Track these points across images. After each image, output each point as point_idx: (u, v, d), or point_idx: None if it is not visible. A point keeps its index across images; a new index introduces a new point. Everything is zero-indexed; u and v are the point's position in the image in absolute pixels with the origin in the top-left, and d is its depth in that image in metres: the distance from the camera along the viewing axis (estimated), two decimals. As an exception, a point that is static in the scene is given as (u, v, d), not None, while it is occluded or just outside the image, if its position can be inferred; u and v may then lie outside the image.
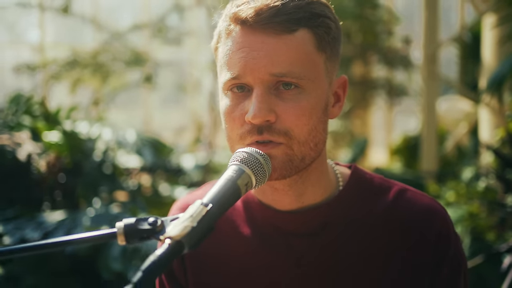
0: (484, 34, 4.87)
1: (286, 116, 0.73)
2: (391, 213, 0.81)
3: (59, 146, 2.98)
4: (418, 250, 0.79)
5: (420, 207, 0.82)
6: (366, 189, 0.84)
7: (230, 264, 0.84)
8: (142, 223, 0.62)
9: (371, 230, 0.81)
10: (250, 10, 0.73)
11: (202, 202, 0.62)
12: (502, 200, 3.23)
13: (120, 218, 2.01)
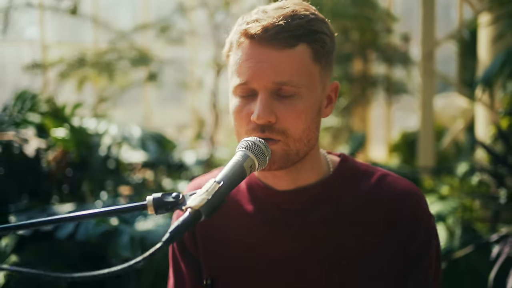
0: (480, 33, 5.01)
1: (285, 118, 0.88)
2: (374, 194, 0.96)
3: (66, 141, 3.13)
4: (396, 226, 0.94)
5: (398, 189, 0.96)
6: (352, 173, 0.98)
7: (235, 238, 0.98)
8: (167, 197, 0.77)
9: (356, 209, 0.95)
10: (258, 27, 0.87)
11: (215, 180, 0.77)
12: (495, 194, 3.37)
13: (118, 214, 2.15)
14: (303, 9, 0.91)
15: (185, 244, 1.04)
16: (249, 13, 0.94)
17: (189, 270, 1.03)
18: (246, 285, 0.96)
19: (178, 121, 6.36)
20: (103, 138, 3.25)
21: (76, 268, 2.59)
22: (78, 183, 2.99)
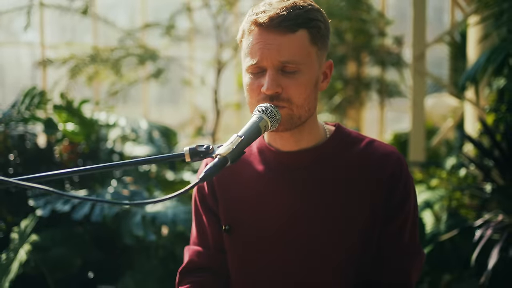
0: (469, 34, 5.26)
1: (289, 89, 1.10)
2: (363, 156, 1.18)
3: (75, 134, 3.34)
4: (379, 181, 1.15)
5: (383, 151, 1.18)
6: (345, 139, 1.21)
7: (248, 192, 1.20)
8: (200, 147, 0.99)
9: (348, 168, 1.17)
10: (265, 17, 1.09)
11: (238, 135, 0.98)
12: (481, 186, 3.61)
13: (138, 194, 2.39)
14: (302, 1, 1.13)
15: (206, 201, 1.25)
16: (257, 5, 1.16)
17: (209, 221, 1.25)
18: (256, 231, 1.18)
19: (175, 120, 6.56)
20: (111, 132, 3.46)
21: (88, 250, 2.80)
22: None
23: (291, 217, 1.15)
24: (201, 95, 7.36)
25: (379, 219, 1.14)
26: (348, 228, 1.13)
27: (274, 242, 1.16)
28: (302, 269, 1.14)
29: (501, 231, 2.91)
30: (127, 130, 3.15)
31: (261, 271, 1.16)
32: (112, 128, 3.23)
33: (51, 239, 2.68)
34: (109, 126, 3.17)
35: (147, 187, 2.81)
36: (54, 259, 2.67)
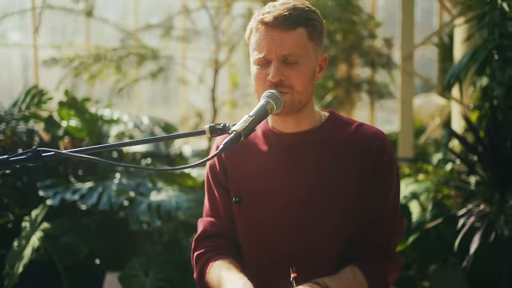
0: (455, 36, 5.52)
1: (290, 77, 1.30)
2: (353, 136, 1.38)
3: (78, 130, 3.52)
4: (367, 155, 1.36)
5: (370, 132, 1.39)
6: (338, 123, 1.41)
7: (254, 169, 1.39)
8: (218, 126, 1.19)
9: (340, 146, 1.37)
10: (270, 16, 1.29)
11: (249, 115, 1.18)
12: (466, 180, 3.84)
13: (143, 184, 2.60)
14: (301, 4, 1.34)
15: (218, 177, 1.44)
16: (263, 7, 1.36)
17: (221, 195, 1.44)
18: (262, 201, 1.37)
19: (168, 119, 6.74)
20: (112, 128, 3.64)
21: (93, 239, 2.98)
22: (92, 166, 3.36)
23: (293, 189, 1.35)
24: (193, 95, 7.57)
25: (366, 188, 1.34)
26: (341, 196, 1.33)
27: (278, 210, 1.35)
28: (303, 232, 1.33)
29: (482, 219, 3.14)
30: (130, 125, 3.33)
31: (267, 236, 1.36)
32: (114, 124, 3.41)
33: (60, 228, 2.86)
34: (113, 121, 3.35)
35: (150, 179, 3.00)
36: (63, 247, 2.85)
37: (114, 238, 2.97)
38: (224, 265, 1.35)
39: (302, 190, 1.34)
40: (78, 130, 3.53)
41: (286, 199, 1.35)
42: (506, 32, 3.67)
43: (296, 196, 1.34)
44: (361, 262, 1.32)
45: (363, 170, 1.34)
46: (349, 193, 1.33)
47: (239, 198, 1.38)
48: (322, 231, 1.31)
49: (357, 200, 1.33)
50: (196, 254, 1.44)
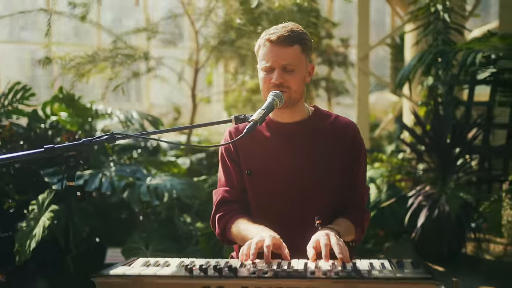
0: (406, 39, 6.19)
1: (288, 80, 1.78)
2: (332, 125, 1.89)
3: (70, 123, 3.89)
4: (345, 139, 1.86)
5: (344, 123, 1.90)
6: (321, 115, 1.91)
7: (260, 149, 1.86)
8: (241, 116, 1.67)
9: (325, 132, 1.87)
10: (275, 36, 1.77)
11: (262, 108, 1.67)
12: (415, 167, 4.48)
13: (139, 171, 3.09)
14: (296, 27, 1.82)
15: (232, 155, 1.90)
16: (269, 29, 1.84)
17: (234, 169, 1.89)
18: (268, 174, 1.84)
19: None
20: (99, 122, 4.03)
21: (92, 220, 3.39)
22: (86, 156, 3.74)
23: (290, 164, 1.83)
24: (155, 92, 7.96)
25: (346, 162, 1.84)
26: (328, 169, 1.82)
27: (280, 180, 1.82)
28: (299, 196, 1.81)
29: (427, 199, 3.76)
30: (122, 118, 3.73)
31: (272, 202, 1.83)
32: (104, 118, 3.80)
33: (60, 211, 3.23)
34: (107, 115, 3.74)
35: (145, 166, 3.43)
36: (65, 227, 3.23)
37: (110, 220, 3.37)
38: (244, 221, 1.80)
39: (297, 165, 1.83)
40: (70, 123, 3.90)
41: (285, 172, 1.83)
42: (448, 39, 4.33)
43: (293, 170, 1.83)
44: (348, 215, 1.80)
45: (342, 148, 1.84)
46: (332, 168, 1.83)
47: (250, 172, 1.86)
48: (314, 196, 1.81)
49: (338, 173, 1.84)
50: (218, 216, 1.89)
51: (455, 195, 3.62)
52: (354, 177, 1.87)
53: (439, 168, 4.01)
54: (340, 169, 1.84)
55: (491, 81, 4.25)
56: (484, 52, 3.90)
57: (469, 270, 3.79)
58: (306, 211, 1.79)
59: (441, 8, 4.20)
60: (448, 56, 4.15)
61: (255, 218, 1.82)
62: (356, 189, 1.87)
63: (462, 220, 3.64)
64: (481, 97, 4.87)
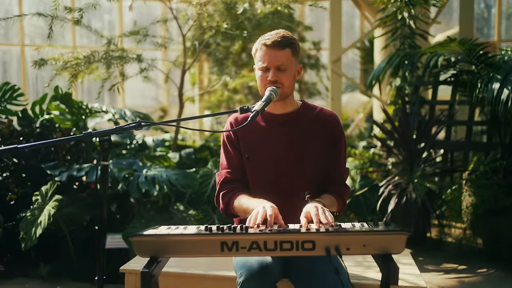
0: (375, 43, 6.66)
1: (282, 78, 2.14)
2: (318, 115, 2.26)
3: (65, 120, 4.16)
4: (327, 127, 2.24)
5: (327, 114, 2.28)
6: (308, 107, 2.29)
7: (257, 136, 2.22)
8: (245, 107, 2.02)
9: (311, 122, 2.24)
10: (269, 41, 2.13)
11: (262, 101, 2.03)
12: (385, 160, 4.91)
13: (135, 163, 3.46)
14: (287, 33, 2.19)
15: (233, 141, 2.24)
16: (264, 35, 2.20)
17: (235, 153, 2.24)
18: (264, 157, 2.18)
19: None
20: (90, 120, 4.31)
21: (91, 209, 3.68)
22: (80, 150, 4.03)
23: (283, 149, 2.18)
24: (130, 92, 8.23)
25: (329, 146, 2.21)
26: (314, 152, 2.18)
27: (274, 162, 2.17)
28: (291, 176, 2.16)
29: (396, 188, 4.20)
30: (117, 116, 4.03)
31: (267, 179, 2.16)
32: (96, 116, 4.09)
33: (62, 201, 3.52)
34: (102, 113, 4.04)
35: (141, 159, 3.74)
36: (67, 216, 3.52)
37: (108, 209, 3.67)
38: (245, 196, 2.14)
39: (288, 150, 2.19)
40: (65, 121, 4.18)
41: (279, 155, 2.20)
42: (413, 43, 4.80)
43: (285, 153, 2.19)
44: (331, 191, 2.17)
45: (325, 135, 2.22)
46: (317, 151, 2.21)
47: (249, 155, 2.22)
48: (302, 174, 2.17)
49: (322, 155, 2.22)
50: (222, 193, 2.23)
51: (421, 184, 4.06)
52: (335, 159, 2.25)
53: (406, 160, 4.44)
54: (324, 152, 2.22)
55: (452, 82, 4.72)
56: (445, 55, 4.37)
57: (434, 250, 4.24)
58: (296, 186, 2.15)
59: (407, 16, 4.67)
60: (413, 59, 4.62)
61: (253, 193, 2.18)
62: (338, 169, 2.25)
63: (427, 206, 4.08)
64: (443, 96, 5.36)
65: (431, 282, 3.51)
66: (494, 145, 4.45)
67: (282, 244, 1.69)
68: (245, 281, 1.88)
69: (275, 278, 1.98)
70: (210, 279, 2.29)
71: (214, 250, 1.70)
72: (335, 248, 1.68)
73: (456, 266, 3.84)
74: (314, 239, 1.68)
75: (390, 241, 1.67)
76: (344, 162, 2.31)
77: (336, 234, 1.68)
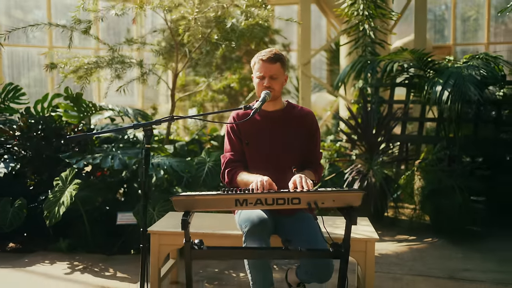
0: (341, 49, 7.57)
1: (273, 85, 2.91)
2: (299, 113, 3.04)
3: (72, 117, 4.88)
4: (306, 121, 3.03)
5: (306, 111, 3.06)
6: (291, 106, 3.08)
7: (253, 129, 2.98)
8: (247, 105, 2.81)
9: (294, 118, 3.02)
10: (265, 57, 2.88)
11: (259, 101, 2.84)
12: (350, 153, 5.80)
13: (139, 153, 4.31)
14: (278, 52, 2.96)
15: (235, 131, 3.01)
16: (261, 52, 3.01)
17: (237, 140, 2.99)
18: (259, 144, 2.94)
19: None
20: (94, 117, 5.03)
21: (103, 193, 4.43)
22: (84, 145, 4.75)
23: (273, 138, 2.94)
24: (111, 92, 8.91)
25: (308, 136, 3.01)
26: (296, 139, 2.95)
27: (267, 147, 2.93)
28: (280, 156, 2.91)
29: (359, 174, 5.09)
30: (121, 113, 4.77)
31: (262, 160, 2.92)
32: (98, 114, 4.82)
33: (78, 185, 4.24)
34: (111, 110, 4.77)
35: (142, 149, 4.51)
36: (82, 198, 4.24)
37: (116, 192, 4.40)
38: (245, 173, 2.88)
39: (278, 138, 2.98)
40: (72, 117, 4.89)
41: (270, 142, 2.97)
42: (373, 51, 5.71)
43: (275, 140, 2.97)
44: (310, 168, 2.93)
45: (305, 128, 3.02)
46: (299, 139, 3.00)
47: (247, 142, 3.01)
48: (288, 155, 2.97)
49: (302, 142, 3.04)
50: (227, 170, 2.99)
51: (380, 171, 4.96)
52: (313, 145, 3.07)
53: (367, 151, 5.34)
54: (304, 140, 3.05)
55: (406, 84, 5.65)
56: (399, 62, 5.29)
57: (390, 226, 5.15)
58: (283, 165, 2.95)
59: (367, 27, 5.57)
60: (373, 65, 5.52)
61: (251, 170, 2.99)
62: (315, 152, 3.07)
63: (385, 190, 4.99)
64: (399, 96, 6.32)
65: (387, 249, 4.40)
66: (440, 138, 5.41)
67: (278, 200, 2.49)
68: (249, 230, 2.70)
69: (270, 231, 2.80)
70: (217, 237, 3.08)
71: (230, 205, 2.49)
72: (314, 202, 2.50)
73: (407, 237, 4.77)
74: (300, 196, 2.49)
75: (351, 197, 2.49)
76: (319, 148, 3.14)
77: (314, 193, 2.50)
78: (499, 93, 5.26)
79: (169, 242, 3.15)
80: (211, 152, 4.55)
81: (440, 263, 4.03)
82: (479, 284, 3.57)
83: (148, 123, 2.64)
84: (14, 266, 3.91)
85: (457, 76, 4.50)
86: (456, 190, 4.57)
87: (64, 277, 3.69)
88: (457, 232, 4.65)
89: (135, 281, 3.58)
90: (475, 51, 11.37)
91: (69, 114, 4.83)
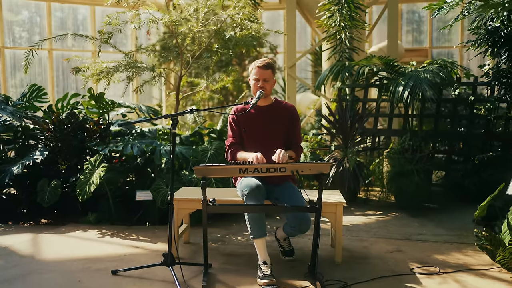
0: (323, 54, 8.71)
1: (266, 86, 3.96)
2: (284, 107, 4.13)
3: (93, 113, 5.96)
4: (289, 115, 4.12)
5: (289, 105, 4.13)
6: (278, 101, 4.12)
7: (250, 120, 4.04)
8: (247, 101, 3.93)
9: (280, 110, 4.10)
10: (260, 64, 3.93)
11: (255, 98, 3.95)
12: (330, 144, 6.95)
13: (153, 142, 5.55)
14: (270, 60, 4.05)
15: (235, 121, 4.06)
16: (256, 60, 4.12)
17: (237, 128, 4.02)
18: (254, 132, 3.99)
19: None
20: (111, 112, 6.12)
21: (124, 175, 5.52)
22: (107, 135, 5.83)
23: (264, 127, 3.99)
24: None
25: (290, 123, 4.07)
26: (281, 126, 3.96)
27: (260, 134, 3.97)
28: (269, 139, 3.96)
29: (336, 161, 6.23)
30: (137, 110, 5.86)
31: (256, 143, 3.95)
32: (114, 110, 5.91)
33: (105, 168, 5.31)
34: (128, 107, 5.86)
35: (158, 139, 5.58)
36: (107, 179, 5.32)
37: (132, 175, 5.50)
38: (244, 152, 3.91)
39: (267, 128, 4.03)
40: (93, 113, 5.97)
41: (262, 130, 4.02)
42: (349, 57, 6.86)
43: (265, 129, 4.07)
44: (292, 149, 3.98)
45: (289, 118, 4.11)
46: (284, 126, 4.04)
47: (245, 130, 4.11)
48: (275, 139, 4.00)
49: (286, 130, 4.15)
50: (230, 151, 4.04)
51: (353, 158, 6.10)
52: (294, 130, 4.14)
53: (344, 143, 6.50)
54: (287, 127, 4.15)
55: (377, 85, 6.81)
56: (370, 66, 6.46)
57: (361, 204, 6.27)
58: (271, 146, 3.99)
59: (343, 36, 6.73)
60: (349, 68, 6.65)
61: (248, 150, 4.09)
62: (296, 136, 4.13)
63: (357, 174, 6.14)
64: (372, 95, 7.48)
65: (358, 221, 5.54)
66: (406, 131, 6.58)
67: (270, 169, 3.58)
68: (249, 192, 3.79)
69: (264, 194, 3.91)
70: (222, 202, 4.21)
71: (235, 173, 3.55)
72: (296, 171, 3.64)
73: (375, 212, 5.91)
74: (286, 166, 3.59)
75: (322, 167, 3.58)
76: (299, 133, 4.21)
77: (296, 164, 3.61)
78: (454, 93, 6.46)
79: (185, 206, 4.22)
80: (212, 142, 5.66)
81: (399, 229, 5.18)
82: (429, 243, 4.69)
83: (175, 114, 3.72)
84: (56, 233, 4.99)
85: (416, 78, 5.66)
86: (415, 173, 5.74)
87: (98, 239, 4.77)
88: (416, 208, 5.81)
89: (155, 242, 4.67)
90: (450, 54, 12.71)
91: (90, 110, 5.90)
